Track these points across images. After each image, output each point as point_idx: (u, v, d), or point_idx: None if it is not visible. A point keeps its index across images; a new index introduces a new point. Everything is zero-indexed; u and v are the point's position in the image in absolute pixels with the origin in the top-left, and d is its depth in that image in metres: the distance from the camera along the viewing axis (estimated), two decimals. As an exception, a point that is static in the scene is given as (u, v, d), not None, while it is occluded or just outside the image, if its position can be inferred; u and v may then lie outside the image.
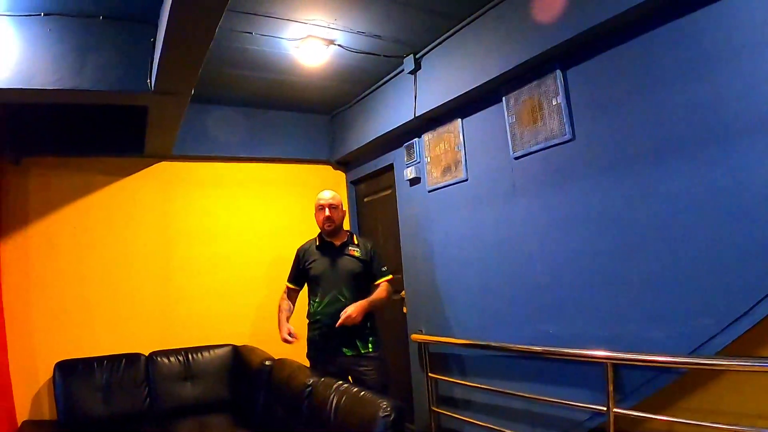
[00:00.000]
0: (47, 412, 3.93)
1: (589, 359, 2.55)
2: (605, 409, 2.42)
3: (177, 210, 4.45)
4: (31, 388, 3.96)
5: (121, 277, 4.24)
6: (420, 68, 3.72)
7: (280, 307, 3.55)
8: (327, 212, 3.42)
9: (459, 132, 3.58)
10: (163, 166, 4.45)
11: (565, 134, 2.79)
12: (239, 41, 3.41)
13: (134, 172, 4.36)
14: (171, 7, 2.19)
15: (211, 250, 4.50)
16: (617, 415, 2.39)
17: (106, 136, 4.23)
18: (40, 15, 2.86)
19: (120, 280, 4.24)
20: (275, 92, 4.35)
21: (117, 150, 4.28)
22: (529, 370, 3.02)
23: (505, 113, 3.16)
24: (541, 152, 2.95)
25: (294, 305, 3.61)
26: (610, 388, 2.41)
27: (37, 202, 4.11)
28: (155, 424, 3.79)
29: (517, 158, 3.10)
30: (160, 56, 2.65)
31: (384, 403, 2.28)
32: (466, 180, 3.53)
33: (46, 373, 3.90)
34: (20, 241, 4.04)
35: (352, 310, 3.18)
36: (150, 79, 2.96)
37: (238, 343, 4.28)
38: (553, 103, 2.84)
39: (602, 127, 2.63)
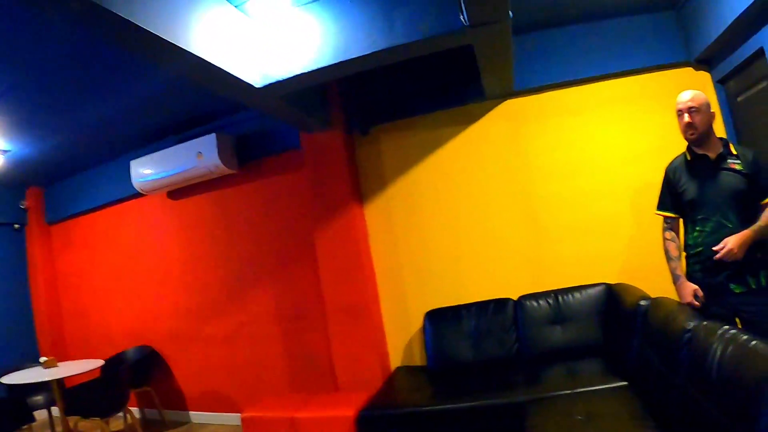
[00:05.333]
0: (418, 358, 4.26)
1: None
2: None
3: (530, 147, 4.28)
4: (403, 337, 4.35)
5: (483, 224, 4.29)
6: None
7: (667, 252, 3.00)
8: (686, 117, 2.79)
9: None
10: (508, 104, 4.32)
11: None
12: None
13: (480, 117, 4.35)
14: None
15: (571, 184, 4.20)
16: None
17: (444, 89, 4.30)
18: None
19: (482, 227, 4.29)
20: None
21: (459, 100, 4.32)
22: None
23: None
24: None
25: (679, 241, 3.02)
26: None
27: (390, 165, 4.44)
28: (523, 369, 3.76)
29: None
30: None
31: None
32: None
33: (416, 322, 4.22)
34: (382, 204, 4.45)
35: (732, 244, 2.59)
36: (462, 16, 2.82)
37: (612, 282, 3.92)
38: None
39: None
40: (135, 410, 5.53)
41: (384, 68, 3.42)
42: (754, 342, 1.90)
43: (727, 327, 2.14)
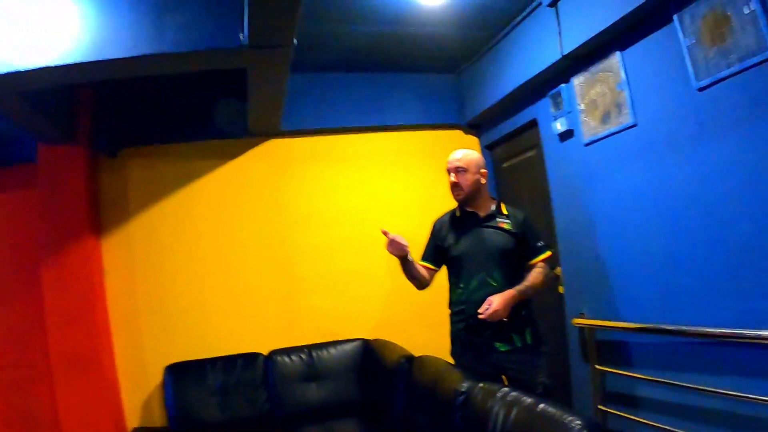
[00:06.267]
0: (158, 418, 3.74)
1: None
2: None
3: (291, 192, 4.09)
4: (140, 393, 3.79)
5: (234, 270, 3.96)
6: (562, -4, 3.06)
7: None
8: (453, 177, 2.80)
9: (619, 68, 2.90)
10: (272, 144, 4.10)
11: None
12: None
13: (241, 154, 4.06)
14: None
15: (332, 234, 4.09)
16: None
17: (207, 118, 3.91)
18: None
19: (233, 274, 3.96)
20: (391, 49, 3.86)
21: (220, 132, 3.98)
22: (730, 361, 2.34)
23: (680, 35, 2.47)
24: (735, 77, 2.24)
25: (429, 281, 2.92)
26: None
27: (137, 196, 3.93)
28: (275, 430, 3.49)
29: (702, 89, 2.40)
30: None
31: (576, 422, 1.66)
32: (635, 125, 2.83)
33: (156, 377, 3.70)
34: (122, 239, 3.89)
35: (497, 304, 2.55)
36: (242, 33, 2.55)
37: (369, 337, 3.86)
38: (745, 12, 2.15)
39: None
40: None
41: (144, 83, 3.09)
42: (541, 405, 1.86)
43: (506, 389, 2.12)
